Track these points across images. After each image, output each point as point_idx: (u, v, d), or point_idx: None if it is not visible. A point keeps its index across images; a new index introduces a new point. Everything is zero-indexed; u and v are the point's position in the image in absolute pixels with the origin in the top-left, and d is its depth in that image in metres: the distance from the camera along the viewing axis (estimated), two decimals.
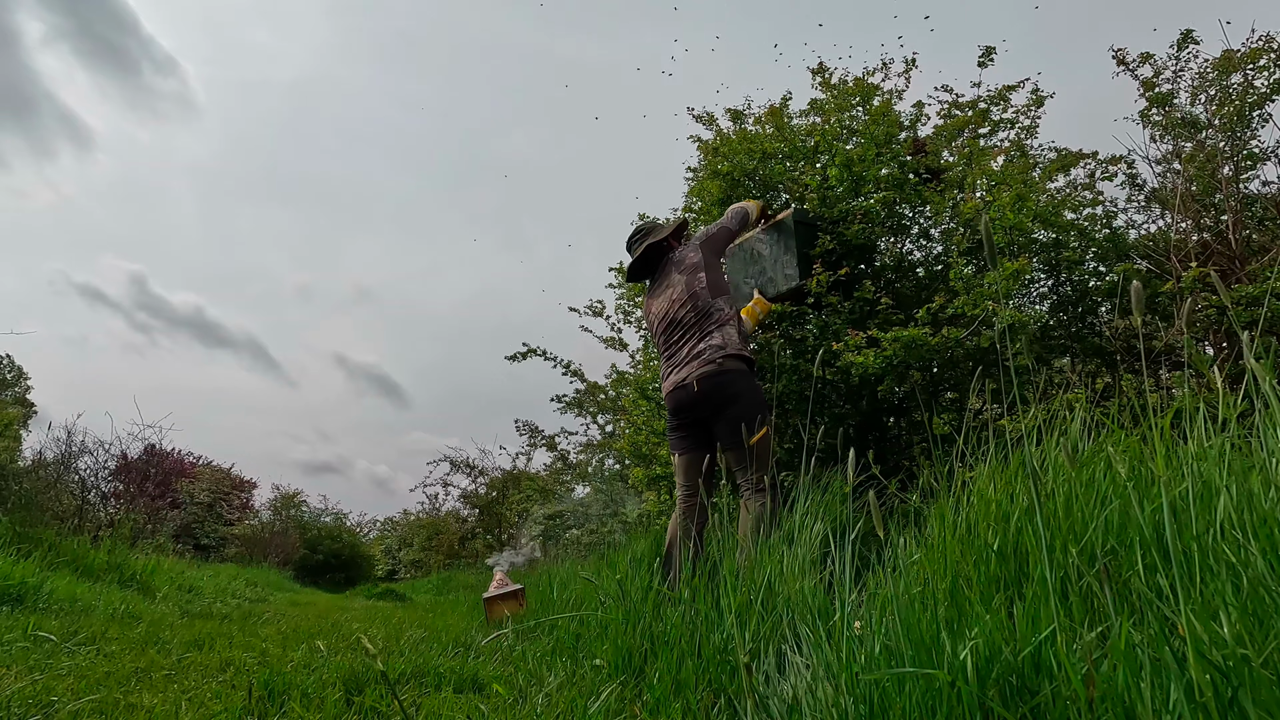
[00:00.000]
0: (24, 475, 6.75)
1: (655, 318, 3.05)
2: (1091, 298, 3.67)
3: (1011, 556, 1.24)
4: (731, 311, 2.88)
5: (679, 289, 2.91)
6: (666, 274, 3.02)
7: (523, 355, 6.74)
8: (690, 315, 2.85)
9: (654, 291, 3.09)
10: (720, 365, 2.69)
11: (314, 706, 1.50)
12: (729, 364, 2.70)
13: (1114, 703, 0.76)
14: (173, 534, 9.86)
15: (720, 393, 2.68)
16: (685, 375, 2.77)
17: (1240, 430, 1.22)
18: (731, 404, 2.65)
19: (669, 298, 2.95)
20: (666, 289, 2.99)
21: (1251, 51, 3.35)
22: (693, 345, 2.80)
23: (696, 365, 2.74)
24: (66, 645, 2.21)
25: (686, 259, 2.96)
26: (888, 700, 0.98)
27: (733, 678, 1.39)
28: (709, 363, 2.71)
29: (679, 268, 2.95)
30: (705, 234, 3.02)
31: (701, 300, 2.84)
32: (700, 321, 2.82)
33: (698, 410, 2.75)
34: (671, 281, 2.97)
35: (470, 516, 14.97)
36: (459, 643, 2.61)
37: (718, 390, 2.68)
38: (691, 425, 2.84)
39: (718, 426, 2.71)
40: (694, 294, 2.86)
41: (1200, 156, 3.44)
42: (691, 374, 2.74)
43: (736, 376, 2.71)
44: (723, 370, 2.69)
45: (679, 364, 2.83)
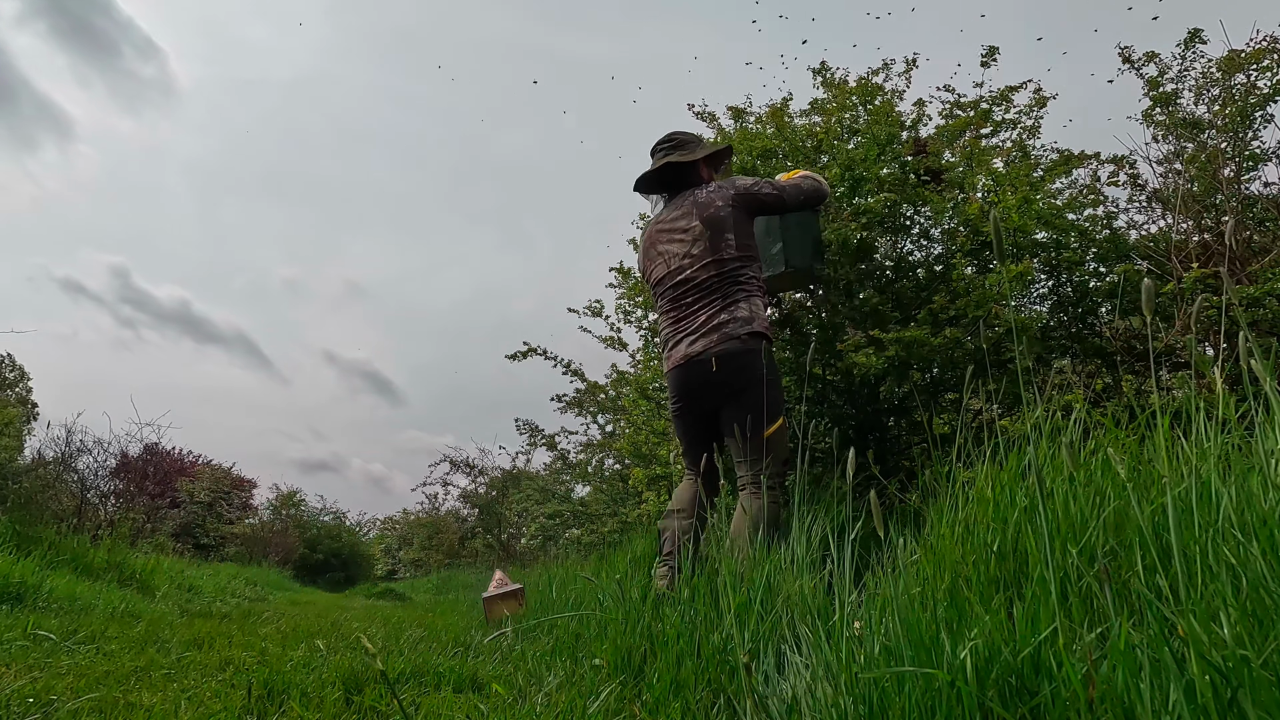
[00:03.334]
0: (24, 474, 6.75)
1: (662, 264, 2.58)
2: (1092, 298, 3.67)
3: (1011, 557, 1.24)
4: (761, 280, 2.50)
5: (700, 245, 2.45)
6: (685, 212, 2.52)
7: (523, 354, 6.74)
8: (713, 280, 2.43)
9: (663, 225, 2.60)
10: (745, 343, 2.33)
11: (313, 705, 1.50)
12: (753, 342, 2.35)
13: (1113, 703, 0.76)
14: (172, 533, 9.87)
15: (742, 375, 2.33)
16: (702, 349, 2.37)
17: (1240, 431, 1.21)
18: (752, 388, 2.31)
19: (685, 250, 2.49)
20: (682, 235, 2.51)
21: (1255, 52, 3.35)
22: (713, 314, 2.39)
23: (717, 339, 2.35)
24: (66, 644, 2.21)
25: (713, 207, 2.47)
26: (887, 700, 0.98)
27: (732, 678, 1.39)
28: (732, 338, 2.34)
29: (702, 213, 2.47)
30: (748, 188, 2.50)
31: (729, 266, 2.42)
32: (724, 286, 2.41)
33: (710, 392, 2.40)
34: (691, 230, 2.48)
35: (470, 516, 14.98)
36: (458, 642, 2.61)
37: (740, 372, 2.33)
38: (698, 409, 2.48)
39: (728, 411, 2.38)
40: (719, 256, 2.43)
41: (1202, 157, 3.44)
42: (710, 348, 2.35)
43: (760, 358, 2.36)
44: (748, 349, 2.33)
45: (692, 333, 2.42)
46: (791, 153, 3.97)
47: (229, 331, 54.51)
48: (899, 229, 3.60)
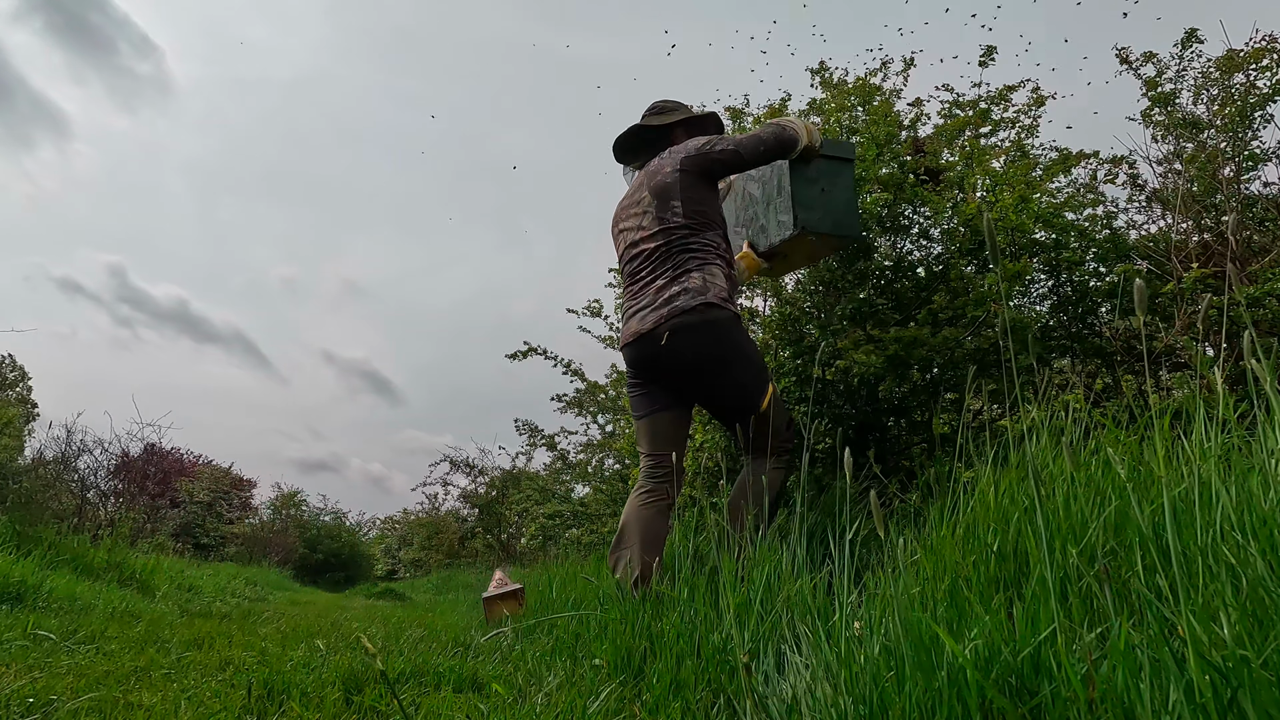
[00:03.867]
0: (24, 474, 6.76)
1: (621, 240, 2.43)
2: (1091, 298, 3.67)
3: (1011, 557, 1.24)
4: (723, 248, 2.29)
5: (648, 214, 2.28)
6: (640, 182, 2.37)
7: (523, 354, 6.74)
8: (661, 249, 2.25)
9: (626, 198, 2.45)
10: (700, 314, 2.13)
11: (313, 705, 1.50)
12: (711, 313, 2.14)
13: (1113, 703, 0.76)
14: (172, 533, 9.87)
15: (703, 352, 2.15)
16: (653, 324, 2.19)
17: (1240, 431, 1.22)
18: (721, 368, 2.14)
19: (638, 219, 2.33)
20: (635, 204, 2.35)
21: (1254, 51, 3.35)
22: (662, 285, 2.22)
23: (666, 314, 2.17)
24: (66, 644, 2.21)
25: (661, 174, 2.28)
26: (887, 700, 0.98)
27: (732, 678, 1.39)
28: (684, 311, 2.14)
29: (650, 181, 2.31)
30: (699, 148, 2.28)
31: (676, 235, 2.23)
32: (674, 255, 2.23)
33: (667, 371, 2.24)
34: (642, 200, 2.32)
35: (470, 516, 14.98)
36: (458, 642, 2.61)
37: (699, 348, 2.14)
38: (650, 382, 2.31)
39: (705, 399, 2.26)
40: (665, 226, 2.24)
41: (1201, 157, 3.44)
42: (661, 323, 2.17)
43: (723, 329, 2.15)
44: (706, 320, 2.13)
45: (642, 307, 2.26)
46: None
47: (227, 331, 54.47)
48: (898, 229, 3.60)
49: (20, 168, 49.13)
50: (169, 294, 62.77)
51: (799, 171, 2.43)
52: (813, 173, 2.44)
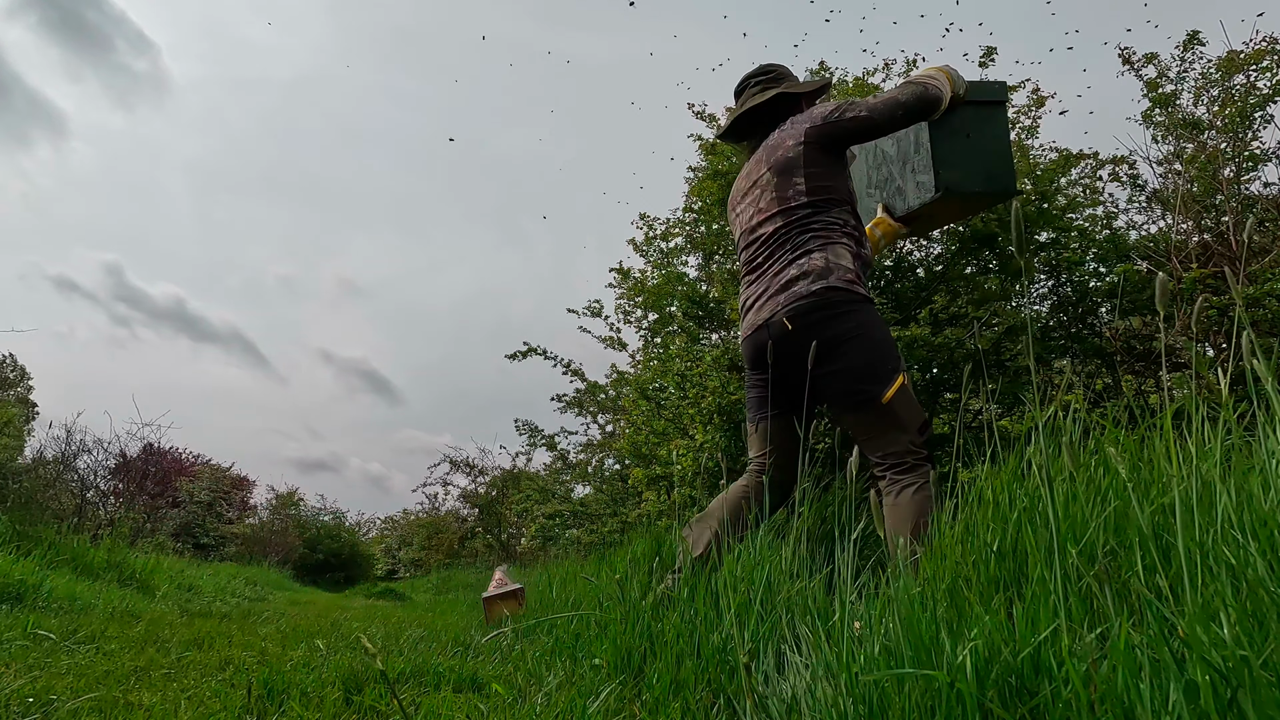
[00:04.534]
0: (24, 474, 6.76)
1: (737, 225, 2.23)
2: (1091, 298, 3.67)
3: (1011, 557, 1.24)
4: (851, 225, 2.04)
5: (767, 193, 2.07)
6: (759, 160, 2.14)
7: (523, 354, 6.75)
8: (780, 231, 2.04)
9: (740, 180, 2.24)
10: (822, 299, 1.91)
11: (313, 705, 1.50)
12: (834, 296, 1.91)
13: (1113, 703, 0.76)
14: (172, 533, 9.87)
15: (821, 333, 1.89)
16: (769, 312, 1.99)
17: (1240, 431, 1.22)
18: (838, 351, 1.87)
19: (754, 200, 2.12)
20: (753, 185, 2.14)
21: (1254, 52, 3.35)
22: (779, 270, 2.01)
23: (784, 299, 1.96)
24: (66, 644, 2.21)
25: (782, 149, 2.06)
26: (887, 700, 0.98)
27: (732, 678, 1.39)
28: (804, 296, 1.93)
29: (771, 158, 2.08)
30: (827, 116, 2.03)
31: (797, 215, 2.01)
32: (793, 237, 2.01)
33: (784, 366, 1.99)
34: (760, 177, 2.11)
35: (470, 516, 14.98)
36: (458, 642, 2.61)
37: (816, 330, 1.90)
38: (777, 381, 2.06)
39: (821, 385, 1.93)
40: (786, 206, 2.03)
41: (1201, 158, 3.44)
42: (778, 310, 1.96)
43: (845, 311, 1.91)
44: (825, 302, 1.91)
45: (760, 296, 2.06)
46: None
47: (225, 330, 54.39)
48: None
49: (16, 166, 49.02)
50: (166, 293, 62.76)
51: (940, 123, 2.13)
52: (956, 123, 2.13)
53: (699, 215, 4.47)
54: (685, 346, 4.18)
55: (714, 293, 4.40)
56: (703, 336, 4.40)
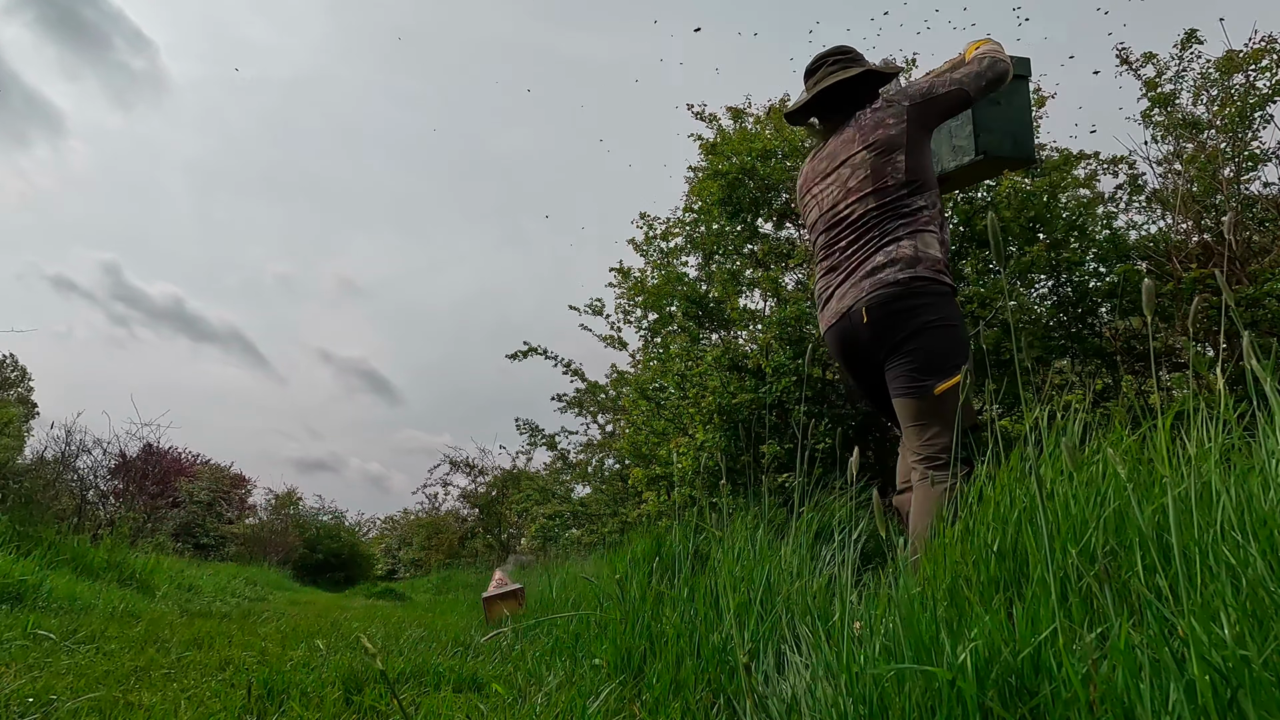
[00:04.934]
0: (24, 474, 6.76)
1: (814, 207, 2.14)
2: (1091, 298, 3.67)
3: (1011, 557, 1.24)
4: (937, 210, 1.99)
5: (859, 172, 1.99)
6: (847, 140, 2.06)
7: (523, 354, 6.75)
8: (870, 214, 1.96)
9: (818, 160, 2.16)
10: (905, 286, 1.86)
11: (313, 705, 1.50)
12: (918, 284, 1.86)
13: (1113, 703, 0.76)
14: (172, 533, 9.87)
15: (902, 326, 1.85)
16: (853, 300, 1.93)
17: (1240, 431, 1.22)
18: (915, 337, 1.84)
19: (840, 180, 2.03)
20: (840, 165, 2.05)
21: (1254, 52, 3.35)
22: (865, 256, 1.94)
23: (869, 287, 1.90)
24: (66, 644, 2.21)
25: (883, 126, 1.98)
26: (887, 700, 0.98)
27: (732, 677, 1.39)
28: (889, 284, 1.87)
29: (865, 137, 2.00)
30: (924, 92, 1.99)
31: (891, 195, 1.94)
32: (883, 222, 1.94)
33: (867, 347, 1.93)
34: (851, 158, 2.02)
35: (470, 516, 14.99)
36: (458, 642, 2.61)
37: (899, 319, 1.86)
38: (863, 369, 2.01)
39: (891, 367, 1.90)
40: (881, 185, 1.95)
41: (1201, 157, 3.44)
42: (860, 299, 1.91)
43: (929, 301, 1.86)
44: (910, 291, 1.85)
45: (842, 283, 1.99)
46: (791, 153, 3.97)
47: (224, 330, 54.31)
48: None
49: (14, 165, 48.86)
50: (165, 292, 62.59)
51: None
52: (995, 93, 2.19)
53: (699, 215, 4.47)
54: (685, 346, 4.18)
55: (714, 293, 4.40)
56: (703, 336, 4.40)
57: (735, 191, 4.04)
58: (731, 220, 4.17)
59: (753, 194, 4.06)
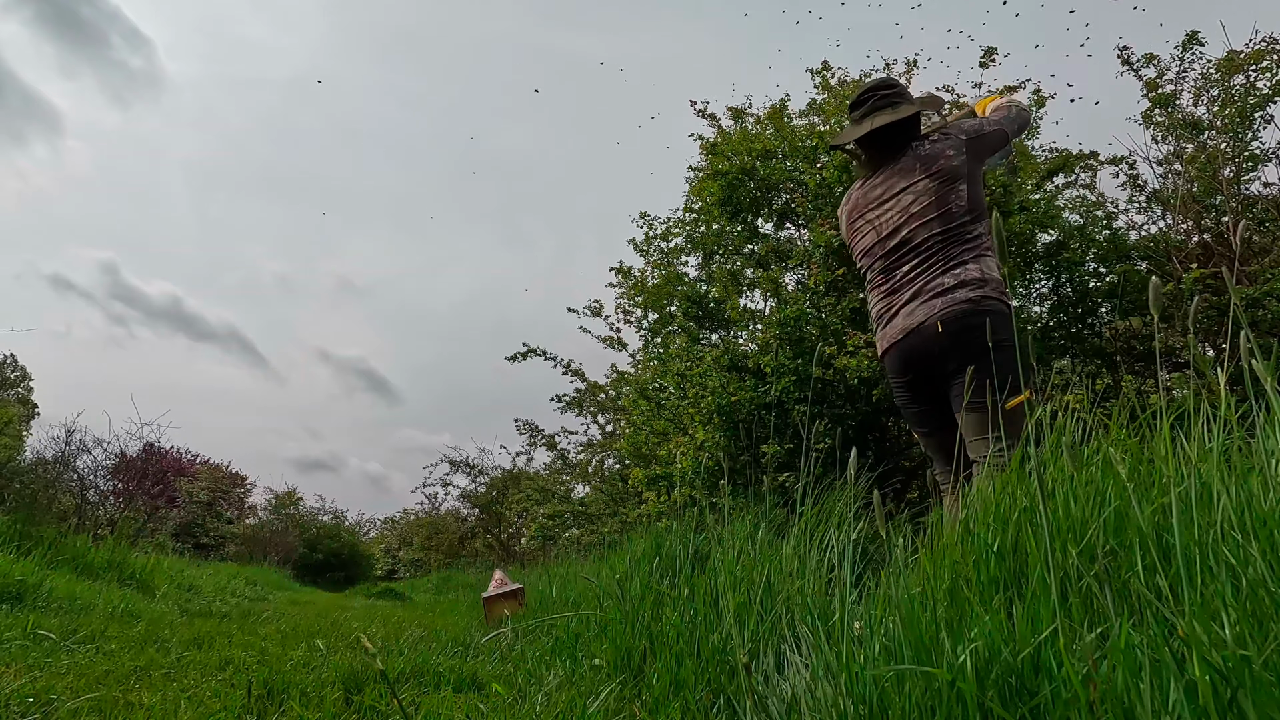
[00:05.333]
0: (24, 474, 6.76)
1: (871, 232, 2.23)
2: (1091, 298, 3.67)
3: (1011, 557, 1.24)
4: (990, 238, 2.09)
5: (922, 199, 2.11)
6: (905, 169, 2.18)
7: (523, 355, 6.75)
8: (935, 239, 2.08)
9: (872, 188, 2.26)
10: (978, 304, 1.97)
11: (313, 705, 1.50)
12: (988, 303, 1.98)
13: (1113, 703, 0.76)
14: (172, 533, 9.87)
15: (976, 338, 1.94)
16: (924, 316, 2.02)
17: (1240, 431, 1.22)
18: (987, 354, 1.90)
19: (901, 206, 2.15)
20: (899, 193, 2.17)
21: (1254, 53, 3.35)
22: (931, 278, 2.05)
23: (941, 305, 2.00)
24: (66, 643, 2.21)
25: (942, 157, 2.13)
26: (887, 700, 0.98)
27: (732, 677, 1.39)
28: (961, 302, 1.98)
29: (927, 167, 2.13)
30: (978, 131, 2.17)
31: (956, 222, 2.07)
32: (947, 247, 2.07)
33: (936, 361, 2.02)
34: (913, 187, 2.14)
35: (470, 516, 14.99)
36: (458, 642, 2.61)
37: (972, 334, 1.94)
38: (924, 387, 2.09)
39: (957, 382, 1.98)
40: (946, 211, 2.07)
41: (1201, 158, 3.44)
42: (933, 315, 2.00)
43: (999, 320, 1.97)
44: (981, 310, 1.96)
45: (909, 302, 2.08)
46: (791, 153, 3.97)
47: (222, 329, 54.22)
48: None
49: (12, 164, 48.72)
50: (163, 291, 62.50)
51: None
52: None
53: (699, 215, 4.47)
54: (685, 346, 4.18)
55: (714, 293, 4.40)
56: (703, 336, 4.40)
57: (735, 191, 4.04)
58: (731, 220, 4.17)
59: (753, 194, 4.06)
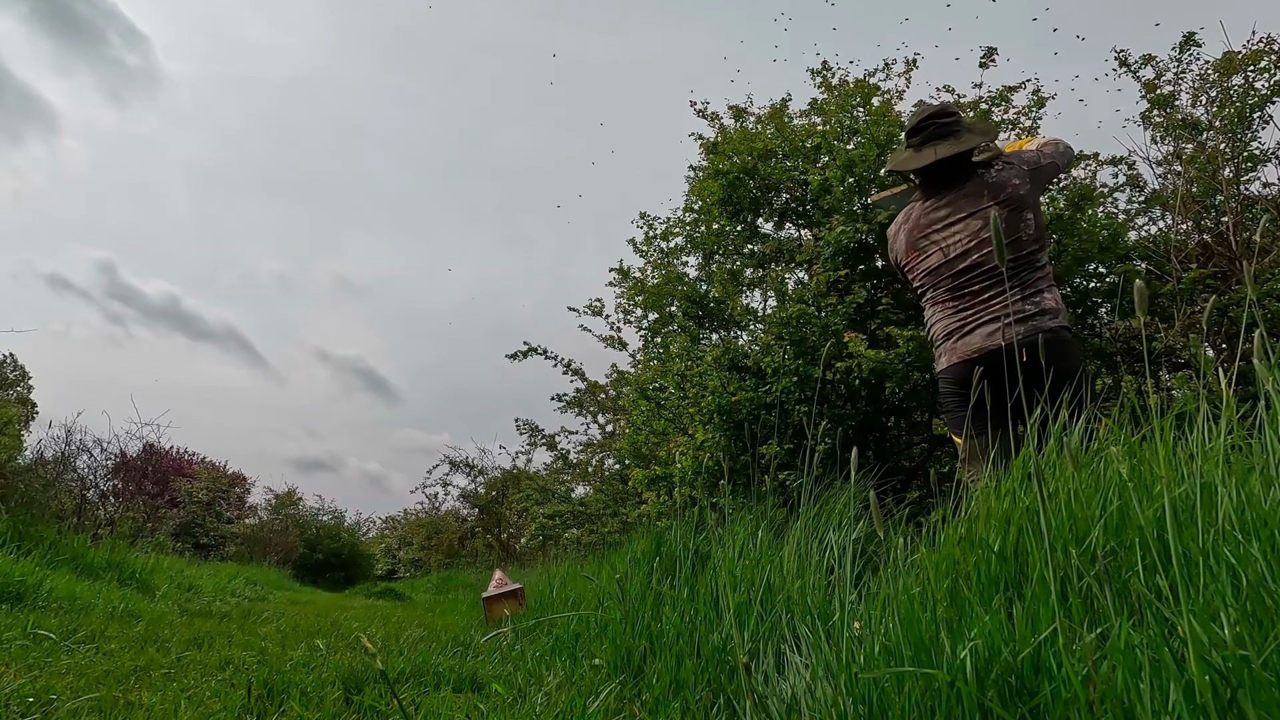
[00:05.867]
0: (24, 474, 6.75)
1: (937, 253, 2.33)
2: (1091, 299, 3.67)
3: (1012, 557, 1.24)
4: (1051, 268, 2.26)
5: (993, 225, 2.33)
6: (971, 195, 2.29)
7: (523, 354, 6.75)
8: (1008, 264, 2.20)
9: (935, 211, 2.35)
10: (1055, 334, 2.13)
11: (313, 705, 1.50)
12: (1065, 332, 2.16)
13: (1113, 703, 0.76)
14: (172, 533, 9.87)
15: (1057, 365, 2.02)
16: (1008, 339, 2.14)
17: (1241, 431, 1.22)
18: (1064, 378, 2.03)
19: (970, 230, 2.27)
20: (966, 217, 2.28)
21: (1252, 53, 3.35)
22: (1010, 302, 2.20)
23: (1025, 331, 2.14)
24: (66, 643, 2.21)
25: (1009, 185, 2.25)
26: (887, 700, 0.98)
27: (732, 677, 1.39)
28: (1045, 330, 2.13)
29: (995, 194, 2.26)
30: (1037, 162, 2.30)
31: (1027, 249, 2.20)
32: (1021, 273, 2.21)
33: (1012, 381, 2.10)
34: (981, 211, 2.26)
35: (470, 516, 14.97)
36: (458, 642, 2.61)
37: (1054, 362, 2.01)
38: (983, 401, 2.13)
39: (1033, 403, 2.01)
40: (1016, 239, 2.20)
41: (1201, 158, 3.44)
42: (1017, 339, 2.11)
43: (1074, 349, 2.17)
44: (1059, 339, 2.12)
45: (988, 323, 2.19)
46: (791, 153, 3.97)
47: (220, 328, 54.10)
48: None
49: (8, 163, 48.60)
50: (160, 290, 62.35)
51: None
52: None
53: (699, 215, 4.47)
54: (685, 346, 4.18)
55: (714, 293, 4.40)
56: (703, 336, 4.40)
57: (735, 191, 4.04)
58: (732, 220, 4.17)
59: (753, 194, 4.06)
